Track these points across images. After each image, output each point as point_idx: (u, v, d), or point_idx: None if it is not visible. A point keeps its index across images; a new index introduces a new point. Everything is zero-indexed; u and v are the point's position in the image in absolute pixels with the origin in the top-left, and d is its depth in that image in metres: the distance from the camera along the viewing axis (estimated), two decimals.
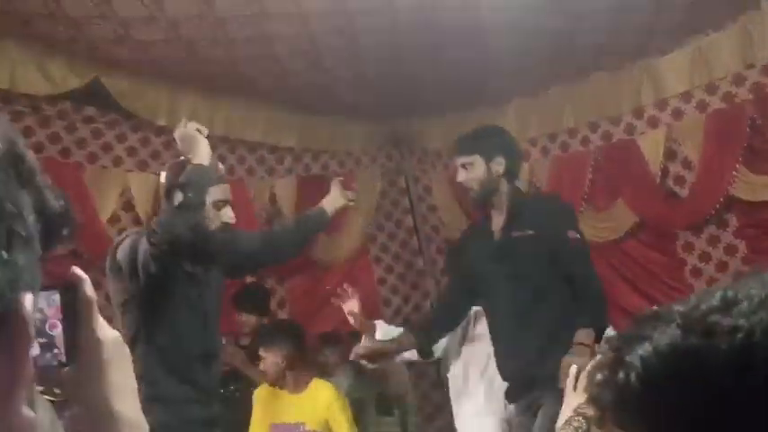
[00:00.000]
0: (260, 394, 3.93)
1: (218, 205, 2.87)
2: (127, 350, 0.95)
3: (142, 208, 4.72)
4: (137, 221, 4.73)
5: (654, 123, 4.78)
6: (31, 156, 0.66)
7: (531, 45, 4.38)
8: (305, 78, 4.73)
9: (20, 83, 4.32)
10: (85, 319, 0.92)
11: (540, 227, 3.10)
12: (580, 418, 1.65)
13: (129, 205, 4.77)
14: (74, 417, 0.89)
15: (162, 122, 4.74)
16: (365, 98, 4.96)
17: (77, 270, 0.94)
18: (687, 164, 4.67)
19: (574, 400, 1.71)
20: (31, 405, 0.70)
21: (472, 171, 3.27)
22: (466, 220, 5.14)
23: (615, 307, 4.69)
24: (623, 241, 4.82)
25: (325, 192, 5.17)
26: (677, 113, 4.71)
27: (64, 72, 4.46)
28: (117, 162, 4.77)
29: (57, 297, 0.87)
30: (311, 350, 4.28)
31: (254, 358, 3.91)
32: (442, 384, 4.08)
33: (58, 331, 0.90)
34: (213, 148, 4.83)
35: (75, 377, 0.91)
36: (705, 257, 4.68)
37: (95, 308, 0.93)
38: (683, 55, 4.61)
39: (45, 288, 0.81)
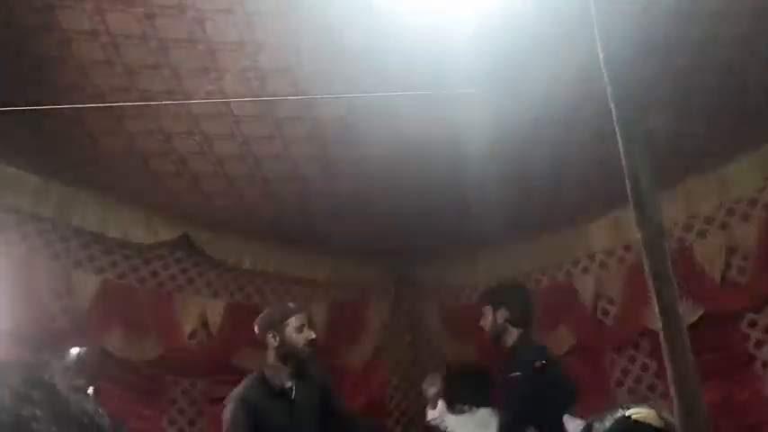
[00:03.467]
0: None
1: (300, 329, 3.53)
2: None
3: (213, 326, 5.77)
4: (209, 336, 5.73)
5: (586, 270, 5.72)
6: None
7: (499, 213, 5.03)
8: (331, 228, 5.50)
9: (131, 236, 5.38)
10: None
11: (523, 369, 3.47)
12: None
13: (204, 324, 5.78)
14: None
15: (232, 262, 5.86)
16: (377, 246, 5.98)
17: None
18: (611, 300, 5.53)
19: None
20: None
21: (485, 318, 3.70)
22: (449, 340, 6.13)
23: None
24: (564, 357, 5.52)
25: (350, 314, 6.06)
26: (603, 264, 5.64)
27: (162, 228, 5.48)
28: (197, 292, 5.82)
29: None
30: None
31: None
32: None
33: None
34: (267, 282, 6.01)
35: None
36: (625, 372, 5.46)
37: None
38: (605, 222, 5.49)
39: None
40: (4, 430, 0.67)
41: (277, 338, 3.56)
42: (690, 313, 4.97)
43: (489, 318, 3.63)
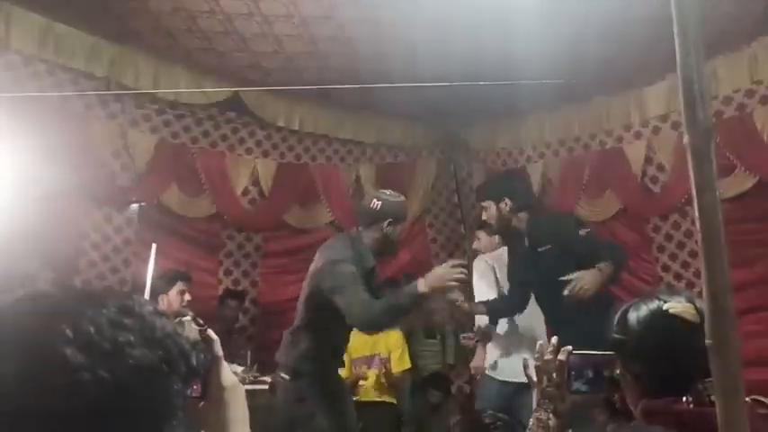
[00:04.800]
0: None
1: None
2: (242, 391, 1.14)
3: (265, 184, 5.84)
4: (261, 194, 5.81)
5: (638, 136, 5.57)
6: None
7: (549, 72, 4.76)
8: (380, 93, 5.33)
9: (183, 95, 5.39)
10: (214, 369, 1.12)
11: (555, 240, 3.47)
12: (547, 400, 1.64)
13: (255, 182, 5.86)
14: None
15: (281, 124, 5.86)
16: (425, 109, 5.91)
17: (211, 333, 1.18)
18: (661, 168, 5.46)
19: (540, 382, 1.69)
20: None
21: (488, 212, 3.67)
22: None
23: None
24: (608, 222, 5.66)
25: (397, 175, 6.02)
26: (656, 130, 5.48)
27: (213, 88, 5.43)
28: (248, 152, 5.89)
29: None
30: None
31: None
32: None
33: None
34: (316, 142, 6.03)
35: (206, 409, 1.12)
36: (668, 237, 5.47)
37: (222, 362, 1.15)
38: (662, 86, 5.30)
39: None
40: (103, 354, 0.75)
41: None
42: (742, 181, 4.95)
43: (493, 211, 3.62)
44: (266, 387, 3.84)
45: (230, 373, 1.17)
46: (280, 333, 3.57)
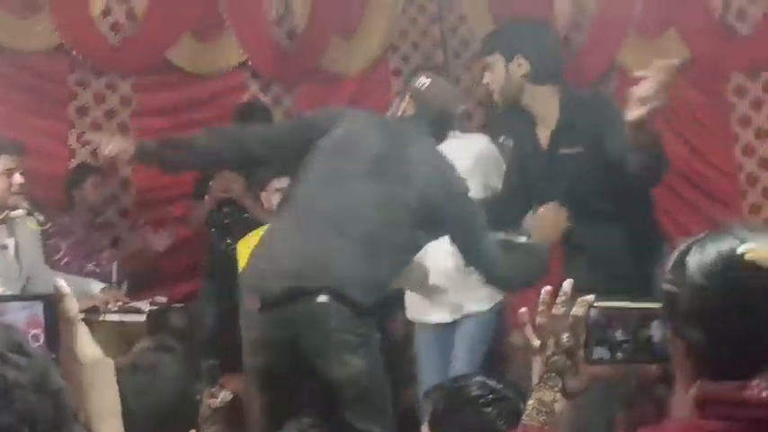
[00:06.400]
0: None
1: None
2: (109, 369, 1.01)
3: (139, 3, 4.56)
4: (131, 15, 4.58)
5: None
6: None
7: None
8: None
9: None
10: (65, 337, 0.98)
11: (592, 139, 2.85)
12: (553, 374, 1.48)
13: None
14: None
15: None
16: None
17: (61, 283, 1.02)
18: None
19: (543, 350, 1.52)
20: None
21: (492, 73, 3.04)
22: None
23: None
24: None
25: None
26: None
27: None
28: None
29: (40, 308, 0.89)
30: None
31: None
32: None
33: (41, 343, 0.95)
34: None
35: None
36: (756, 105, 4.41)
37: (77, 326, 0.99)
38: None
39: (29, 298, 0.85)
40: None
41: None
42: None
43: (500, 70, 3.05)
44: (141, 320, 3.70)
45: (90, 345, 1.03)
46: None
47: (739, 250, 1.21)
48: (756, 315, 1.18)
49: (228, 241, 3.82)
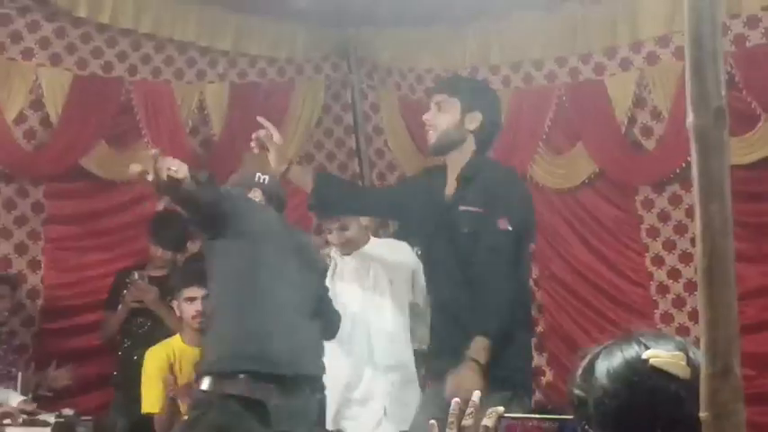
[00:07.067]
0: (159, 356, 3.47)
1: None
2: None
3: (53, 107, 4.42)
4: (45, 121, 4.46)
5: (625, 66, 4.47)
6: None
7: None
8: None
9: None
10: None
11: (490, 204, 2.81)
12: None
13: (38, 103, 4.45)
14: None
15: (81, 14, 4.32)
16: (312, 2, 4.48)
17: None
18: (656, 114, 4.38)
19: None
20: None
21: (444, 114, 2.99)
22: (414, 148, 4.83)
23: (560, 260, 4.52)
24: (579, 191, 4.58)
25: (264, 101, 4.85)
26: (652, 58, 4.39)
27: None
28: (27, 54, 4.40)
29: None
30: None
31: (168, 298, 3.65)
32: None
33: None
34: (138, 46, 4.61)
35: None
36: (664, 217, 4.46)
37: None
38: None
39: None
40: None
41: None
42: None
43: (455, 114, 2.97)
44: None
45: None
46: (69, 340, 3.78)
47: (644, 356, 1.26)
48: (660, 417, 1.22)
49: (141, 351, 3.65)
